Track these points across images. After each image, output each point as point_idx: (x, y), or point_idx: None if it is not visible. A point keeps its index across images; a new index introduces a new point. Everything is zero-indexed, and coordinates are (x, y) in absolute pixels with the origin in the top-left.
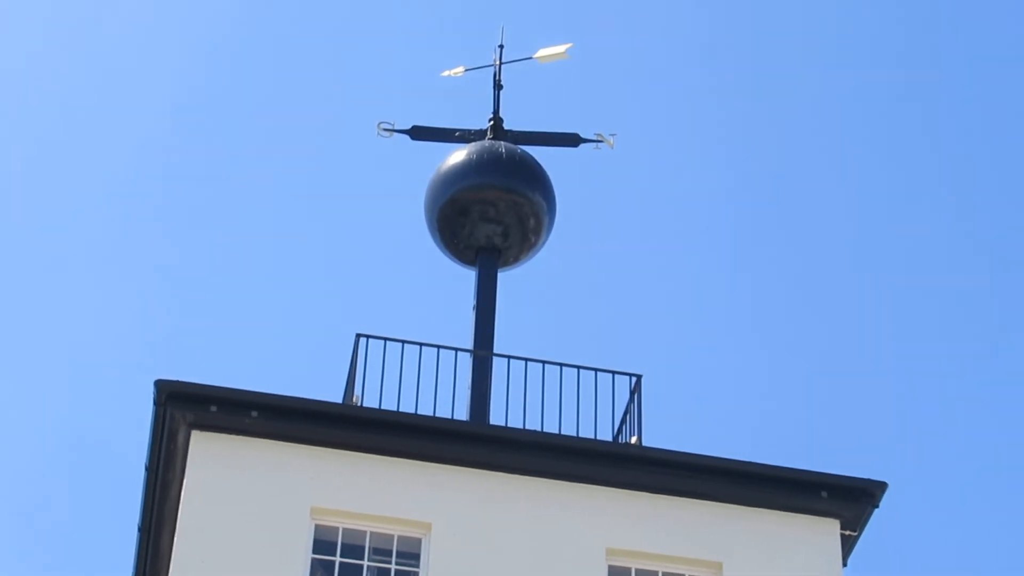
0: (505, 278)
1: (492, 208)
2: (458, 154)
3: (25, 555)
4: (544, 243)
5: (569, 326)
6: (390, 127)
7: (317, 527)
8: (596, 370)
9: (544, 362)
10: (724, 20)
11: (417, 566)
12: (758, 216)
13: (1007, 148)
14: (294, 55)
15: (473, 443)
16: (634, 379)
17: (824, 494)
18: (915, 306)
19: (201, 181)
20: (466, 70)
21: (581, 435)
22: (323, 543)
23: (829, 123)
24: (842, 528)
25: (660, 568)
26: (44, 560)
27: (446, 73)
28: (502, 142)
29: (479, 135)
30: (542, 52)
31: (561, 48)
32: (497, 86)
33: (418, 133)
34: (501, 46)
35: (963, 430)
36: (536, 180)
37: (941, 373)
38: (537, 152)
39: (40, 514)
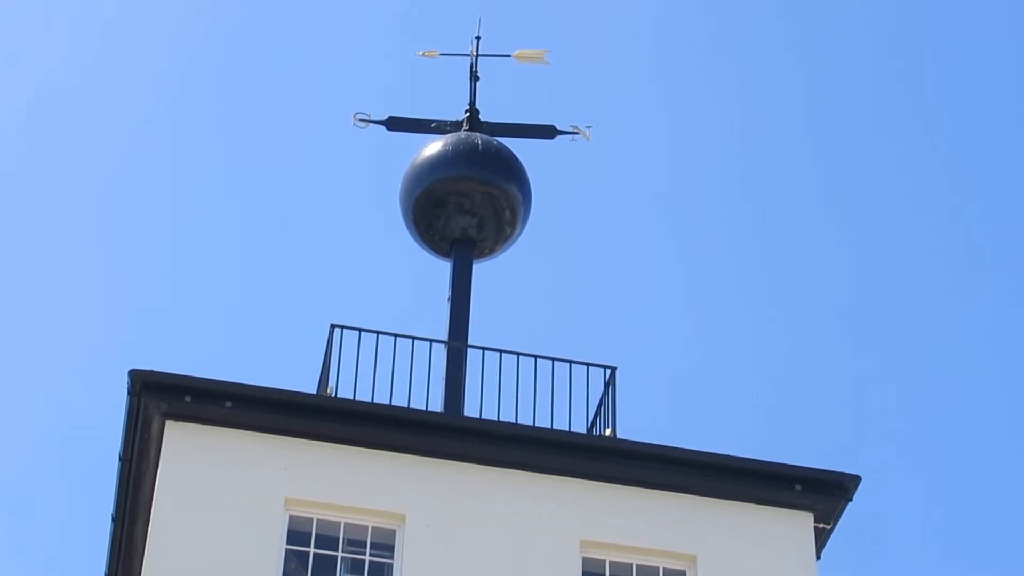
0: (480, 269)
1: (468, 200)
2: (434, 145)
3: None
4: (519, 235)
5: (544, 318)
6: (366, 118)
7: (291, 518)
8: (571, 362)
9: (519, 354)
10: (703, 12)
11: (391, 557)
12: (734, 208)
13: (995, 148)
14: (270, 46)
15: (448, 435)
16: (609, 371)
17: (798, 487)
18: (890, 300)
19: (175, 173)
20: (441, 54)
21: (556, 427)
22: (297, 534)
23: (808, 115)
24: (816, 521)
25: (634, 560)
26: (18, 550)
27: (421, 53)
28: (478, 134)
29: (455, 126)
30: (521, 52)
31: (540, 52)
32: (473, 77)
33: (394, 124)
34: (478, 37)
35: (937, 424)
36: (512, 172)
37: (915, 367)
38: (513, 144)
39: (14, 504)
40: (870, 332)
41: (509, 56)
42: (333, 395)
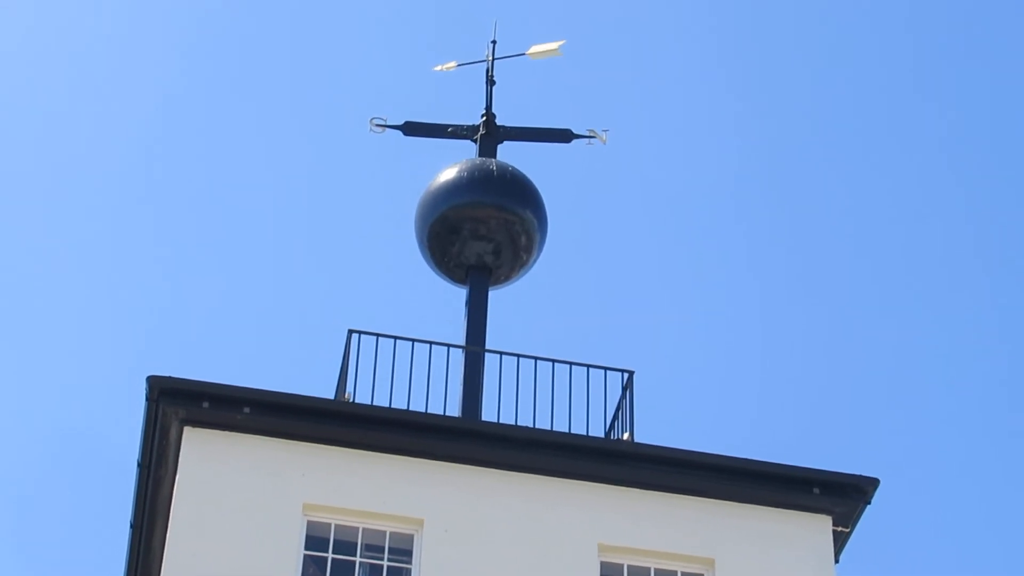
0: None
1: (483, 226)
2: (448, 172)
3: (17, 552)
4: (536, 260)
5: (561, 322)
6: (383, 123)
7: (309, 523)
8: (588, 366)
9: (536, 358)
10: (718, 13)
11: (409, 562)
12: (751, 212)
13: (1007, 149)
14: (287, 51)
15: (465, 439)
16: (626, 375)
17: (816, 490)
18: (908, 303)
19: (193, 177)
20: (459, 65)
21: (573, 431)
22: (315, 539)
23: (825, 118)
24: (834, 524)
25: (652, 564)
26: (37, 557)
27: (438, 68)
28: (493, 159)
29: (472, 131)
30: (535, 48)
31: (554, 45)
32: (490, 81)
33: (411, 129)
34: (494, 41)
35: (955, 427)
36: (527, 197)
37: (934, 369)
38: (529, 148)
39: (33, 510)
40: (887, 335)
41: (524, 55)
42: (351, 400)
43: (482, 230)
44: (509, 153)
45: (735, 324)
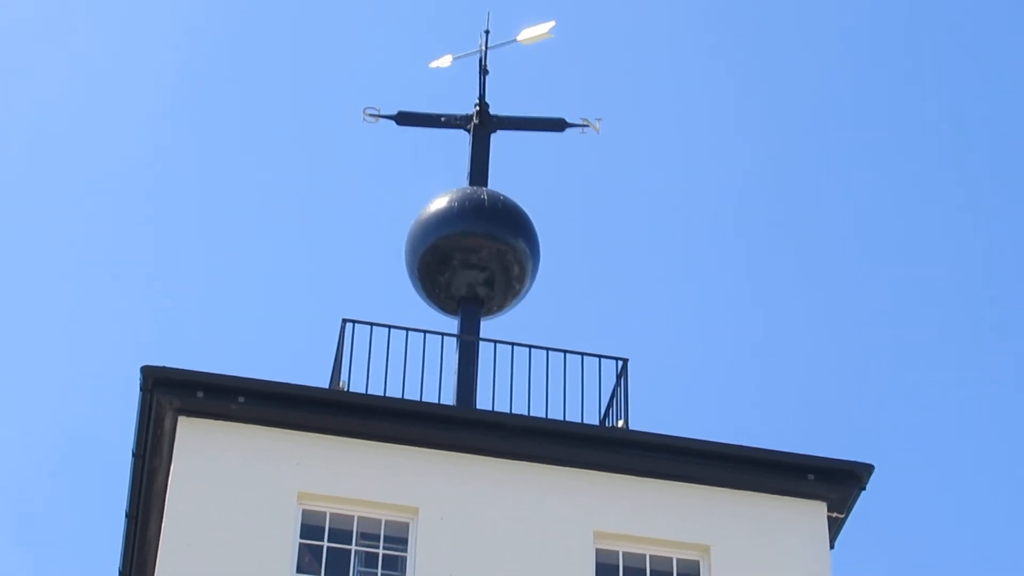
0: None
1: (474, 255)
2: (439, 201)
3: (13, 542)
4: (528, 290)
5: (555, 310)
6: (376, 113)
7: (304, 512)
8: (583, 354)
9: (531, 346)
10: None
11: (405, 550)
12: (746, 200)
13: (1006, 148)
14: (280, 42)
15: (460, 427)
16: (620, 363)
17: (811, 477)
18: (902, 289)
19: (187, 168)
20: (454, 59)
21: (568, 419)
22: (310, 528)
23: (820, 107)
24: (829, 510)
25: (648, 551)
26: (32, 547)
27: (434, 64)
28: (484, 188)
29: (465, 120)
30: (526, 33)
31: (544, 28)
32: (483, 71)
33: (404, 119)
34: (487, 31)
35: (949, 413)
36: (519, 227)
37: (928, 356)
38: (523, 137)
39: (28, 501)
40: (882, 321)
41: (515, 41)
42: (345, 389)
43: (473, 260)
44: (502, 142)
45: (729, 312)
